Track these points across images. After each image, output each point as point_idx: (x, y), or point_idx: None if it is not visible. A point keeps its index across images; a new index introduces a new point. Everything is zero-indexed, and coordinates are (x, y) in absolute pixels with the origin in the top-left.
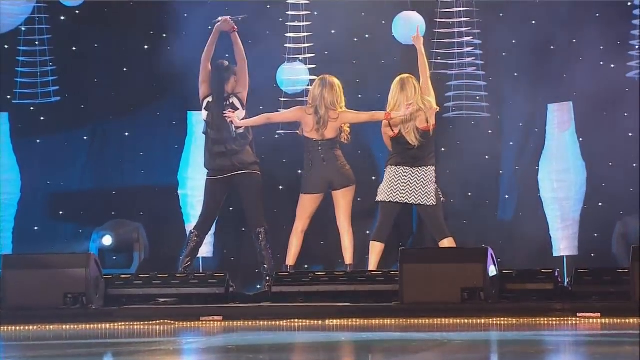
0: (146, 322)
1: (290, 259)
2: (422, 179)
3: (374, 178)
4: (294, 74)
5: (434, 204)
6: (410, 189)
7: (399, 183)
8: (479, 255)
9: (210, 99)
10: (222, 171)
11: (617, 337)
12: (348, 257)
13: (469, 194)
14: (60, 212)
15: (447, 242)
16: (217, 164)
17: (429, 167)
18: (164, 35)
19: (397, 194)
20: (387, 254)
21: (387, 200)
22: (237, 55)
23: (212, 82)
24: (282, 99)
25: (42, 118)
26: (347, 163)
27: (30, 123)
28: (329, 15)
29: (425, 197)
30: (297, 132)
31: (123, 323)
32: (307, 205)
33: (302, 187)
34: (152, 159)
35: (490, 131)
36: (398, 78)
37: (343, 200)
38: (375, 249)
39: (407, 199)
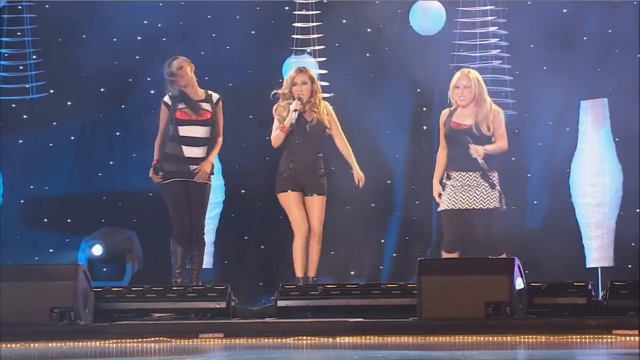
0: (140, 340)
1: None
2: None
3: (389, 182)
4: None
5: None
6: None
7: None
8: (505, 266)
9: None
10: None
11: None
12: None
13: None
14: (45, 220)
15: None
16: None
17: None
18: (159, 25)
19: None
20: (403, 266)
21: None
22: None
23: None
24: None
25: (24, 116)
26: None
27: (12, 121)
28: (339, 4)
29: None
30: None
31: (114, 340)
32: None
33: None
34: (146, 161)
35: (516, 130)
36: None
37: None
38: None
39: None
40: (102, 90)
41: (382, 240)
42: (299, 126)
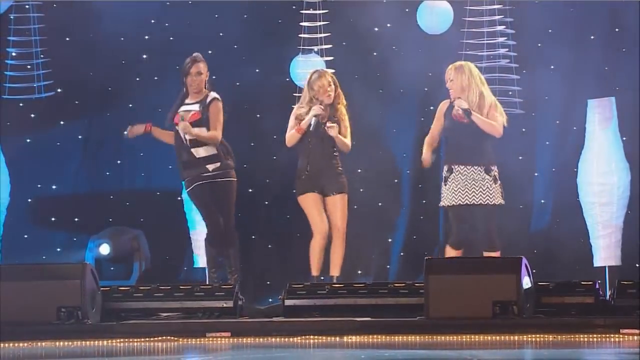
0: (147, 339)
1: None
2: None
3: (396, 181)
4: (309, 67)
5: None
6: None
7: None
8: (512, 265)
9: None
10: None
11: None
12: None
13: None
14: (53, 219)
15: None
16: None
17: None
18: (166, 24)
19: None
20: (411, 265)
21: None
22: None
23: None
24: (297, 94)
25: (32, 115)
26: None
27: (20, 120)
28: (347, 3)
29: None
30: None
31: (122, 339)
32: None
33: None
34: (153, 160)
35: (524, 129)
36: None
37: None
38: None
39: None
40: (109, 89)
41: (390, 240)
42: (315, 130)
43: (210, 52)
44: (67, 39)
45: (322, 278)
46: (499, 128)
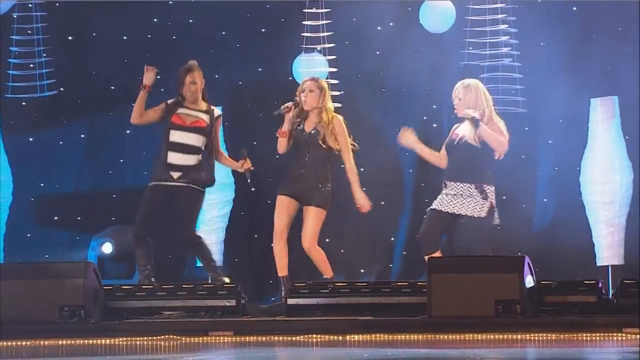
0: (150, 338)
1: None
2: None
3: (399, 180)
4: (311, 66)
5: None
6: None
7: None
8: (515, 264)
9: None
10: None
11: None
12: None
13: (503, 197)
14: (55, 217)
15: None
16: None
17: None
18: (169, 23)
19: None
20: (413, 263)
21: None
22: None
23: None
24: None
25: (35, 114)
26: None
27: (23, 119)
28: (349, 2)
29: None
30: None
31: (124, 338)
32: None
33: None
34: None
35: (526, 128)
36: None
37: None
38: None
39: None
40: (112, 88)
41: (392, 239)
42: (298, 136)
43: (212, 50)
44: (70, 37)
45: (324, 277)
46: (505, 145)
